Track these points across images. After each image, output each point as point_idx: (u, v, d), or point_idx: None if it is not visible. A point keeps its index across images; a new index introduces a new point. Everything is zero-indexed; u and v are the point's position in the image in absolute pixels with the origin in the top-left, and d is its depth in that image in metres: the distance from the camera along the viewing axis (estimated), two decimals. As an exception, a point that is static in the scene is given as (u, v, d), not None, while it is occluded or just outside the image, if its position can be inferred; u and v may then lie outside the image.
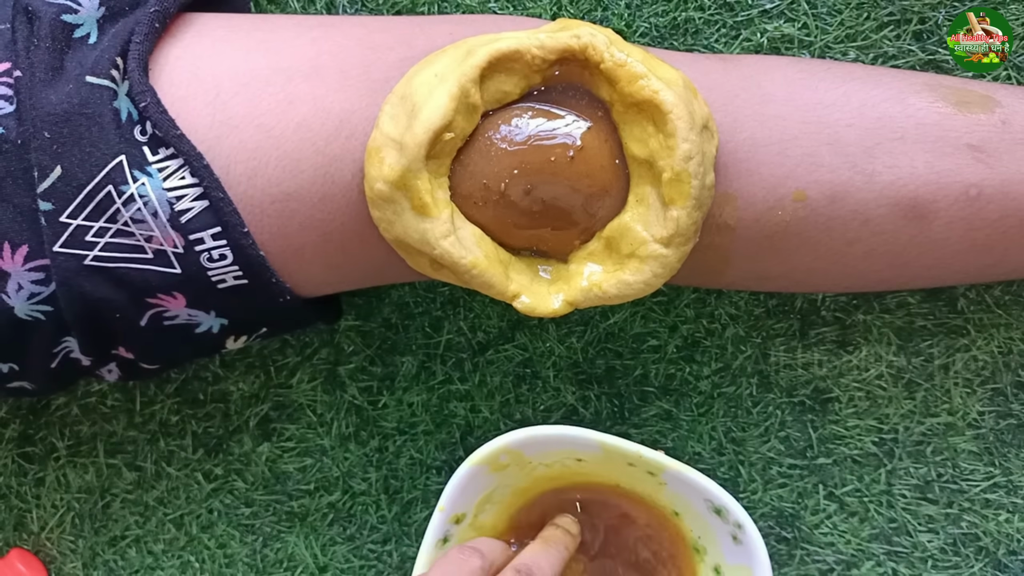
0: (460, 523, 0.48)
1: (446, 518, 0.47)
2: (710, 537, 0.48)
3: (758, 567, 0.46)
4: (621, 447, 0.45)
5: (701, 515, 0.48)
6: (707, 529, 0.48)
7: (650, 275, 0.40)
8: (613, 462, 0.47)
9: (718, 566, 0.48)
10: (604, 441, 0.46)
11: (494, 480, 0.48)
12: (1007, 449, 0.52)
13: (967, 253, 0.43)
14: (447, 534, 0.48)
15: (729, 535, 0.47)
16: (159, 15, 0.41)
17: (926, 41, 0.48)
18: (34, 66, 0.40)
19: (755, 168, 0.41)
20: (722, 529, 0.47)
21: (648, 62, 0.39)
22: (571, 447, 0.47)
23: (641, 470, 0.47)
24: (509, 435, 0.46)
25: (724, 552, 0.48)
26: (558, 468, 0.49)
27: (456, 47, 0.40)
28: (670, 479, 0.47)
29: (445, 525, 0.47)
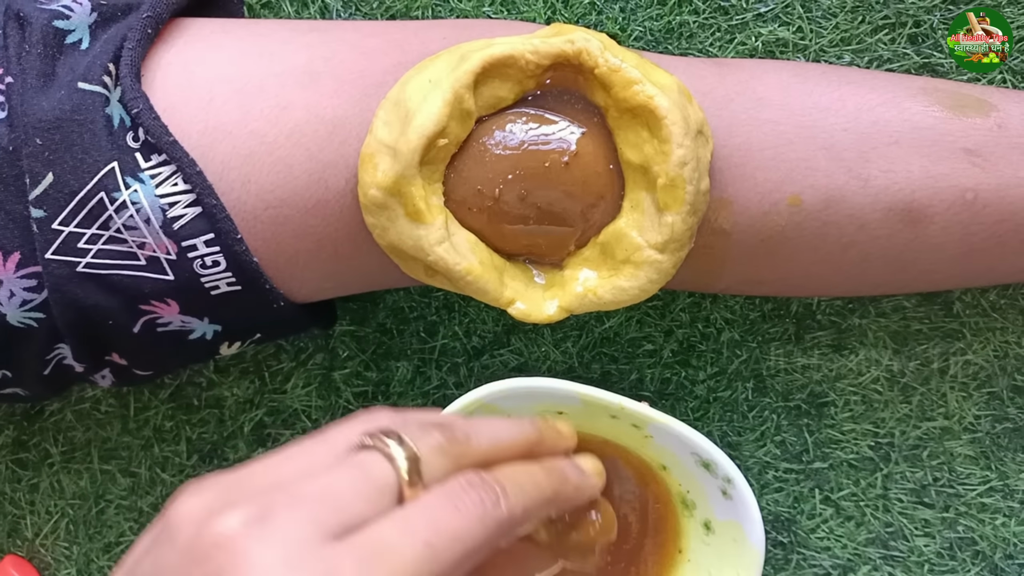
0: None
1: None
2: (699, 492, 0.47)
3: (748, 522, 0.45)
4: (602, 399, 0.44)
5: (689, 469, 0.46)
6: (696, 484, 0.47)
7: (645, 281, 0.40)
8: (595, 415, 0.46)
9: (708, 521, 0.47)
10: (583, 393, 0.44)
11: None
12: (1003, 453, 0.52)
13: (963, 257, 0.43)
14: None
15: (719, 489, 0.46)
16: (152, 21, 0.41)
17: (921, 45, 0.48)
18: (25, 72, 0.40)
19: (750, 173, 0.41)
20: (711, 483, 0.46)
21: (642, 67, 0.39)
22: (549, 400, 0.45)
23: (625, 423, 0.46)
24: (483, 388, 0.44)
25: (714, 507, 0.47)
26: None
27: (450, 52, 0.40)
28: (656, 432, 0.45)
29: None
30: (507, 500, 0.31)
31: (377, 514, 0.28)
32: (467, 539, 0.29)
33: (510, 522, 0.31)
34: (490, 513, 0.30)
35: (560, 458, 0.36)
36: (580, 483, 0.36)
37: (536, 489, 0.33)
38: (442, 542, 0.28)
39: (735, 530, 0.46)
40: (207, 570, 0.25)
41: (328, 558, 0.26)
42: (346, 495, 0.28)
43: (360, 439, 0.30)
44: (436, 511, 0.29)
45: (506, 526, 0.30)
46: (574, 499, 0.36)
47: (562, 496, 0.35)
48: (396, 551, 0.27)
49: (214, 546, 0.26)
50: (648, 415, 0.44)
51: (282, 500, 0.27)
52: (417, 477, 0.30)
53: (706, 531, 0.48)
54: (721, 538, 0.47)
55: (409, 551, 0.27)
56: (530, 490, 0.32)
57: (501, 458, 0.33)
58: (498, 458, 0.33)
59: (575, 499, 0.36)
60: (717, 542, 0.47)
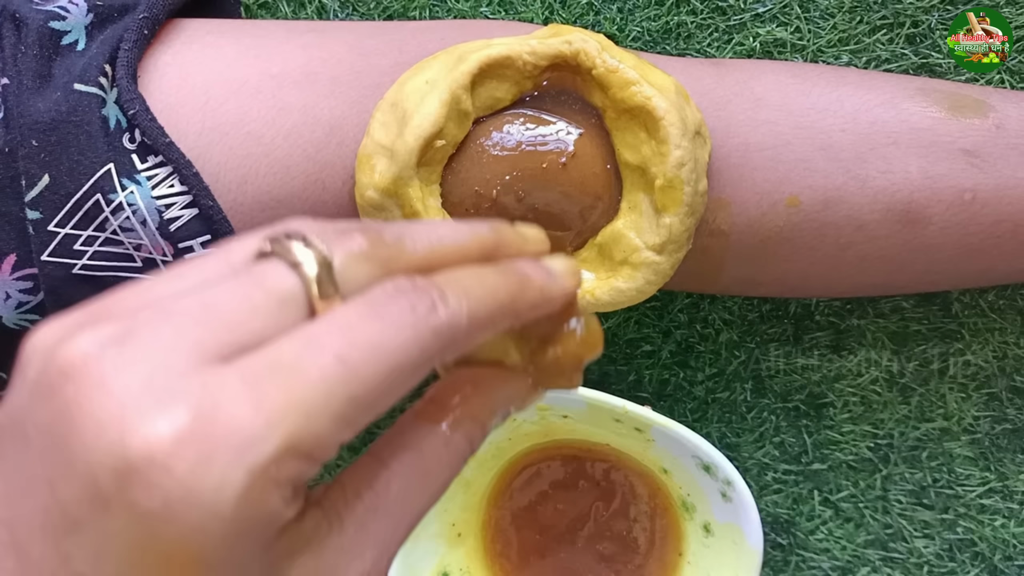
0: None
1: None
2: (699, 495, 0.48)
3: (747, 525, 0.45)
4: (606, 402, 0.45)
5: (690, 472, 0.47)
6: (696, 487, 0.47)
7: (643, 282, 0.40)
8: (599, 419, 0.47)
9: (708, 524, 0.48)
10: (588, 396, 0.45)
11: None
12: (1002, 454, 0.51)
13: (961, 258, 0.43)
14: None
15: (719, 492, 0.46)
16: (148, 22, 0.41)
17: (919, 45, 0.48)
18: (21, 73, 0.40)
19: (748, 174, 0.41)
20: (711, 486, 0.46)
21: (640, 68, 0.39)
22: (555, 403, 0.46)
23: (628, 427, 0.46)
24: None
25: (714, 510, 0.47)
26: (543, 425, 0.49)
27: (447, 53, 0.40)
28: (658, 436, 0.46)
29: None
30: (446, 306, 0.24)
31: (278, 333, 0.22)
32: (394, 351, 0.22)
33: (451, 331, 0.23)
34: (424, 320, 0.23)
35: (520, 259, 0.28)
36: (546, 285, 0.27)
37: (487, 293, 0.25)
38: (360, 355, 0.22)
39: (734, 532, 0.46)
40: (54, 407, 0.21)
41: (207, 383, 0.21)
42: (234, 310, 0.22)
43: (259, 246, 0.24)
44: (351, 321, 0.22)
45: (447, 336, 0.23)
46: (540, 305, 0.27)
47: (523, 301, 0.26)
48: (298, 369, 0.21)
49: (61, 375, 0.21)
50: (651, 418, 0.45)
51: (150, 317, 0.22)
52: (331, 287, 0.23)
53: (706, 533, 0.48)
54: (720, 540, 0.47)
55: (315, 369, 0.21)
56: (479, 294, 0.25)
57: (445, 265, 0.25)
58: (441, 265, 0.25)
59: (542, 305, 0.27)
60: (716, 544, 0.48)
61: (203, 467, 0.20)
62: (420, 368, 0.23)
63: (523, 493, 0.52)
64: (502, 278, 0.26)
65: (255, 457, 0.20)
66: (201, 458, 0.20)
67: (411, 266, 0.25)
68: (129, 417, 0.20)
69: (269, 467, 0.20)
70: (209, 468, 0.20)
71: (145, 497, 0.20)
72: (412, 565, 0.48)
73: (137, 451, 0.20)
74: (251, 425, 0.20)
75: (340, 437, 0.22)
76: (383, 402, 0.22)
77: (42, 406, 0.21)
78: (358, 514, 0.24)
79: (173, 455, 0.20)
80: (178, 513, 0.20)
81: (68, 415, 0.20)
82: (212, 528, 0.20)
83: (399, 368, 0.22)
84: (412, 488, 0.25)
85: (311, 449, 0.21)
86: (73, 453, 0.20)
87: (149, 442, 0.20)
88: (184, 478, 0.20)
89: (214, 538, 0.20)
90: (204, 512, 0.20)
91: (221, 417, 0.20)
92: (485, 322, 0.25)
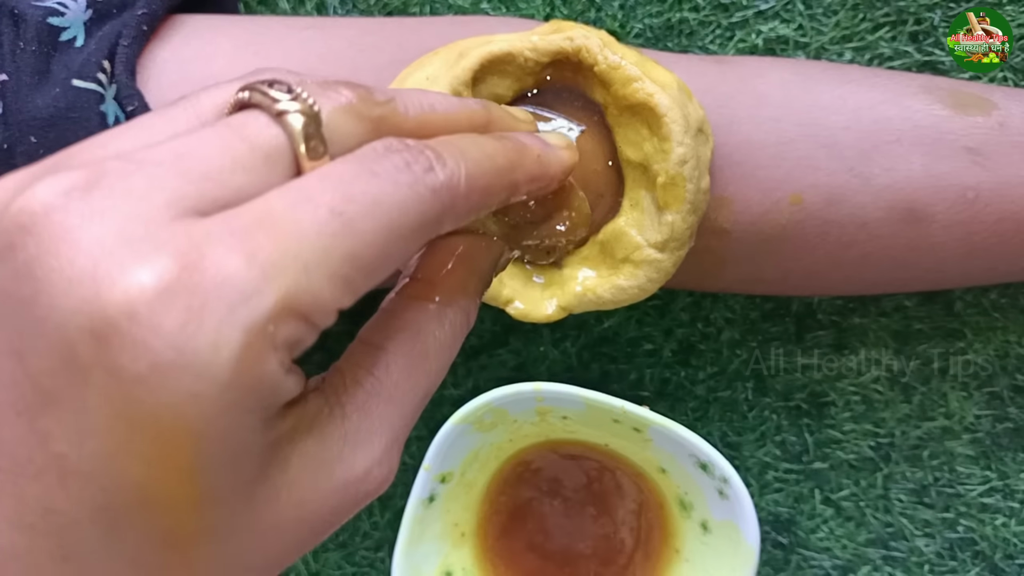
0: (447, 482, 0.48)
1: (431, 477, 0.47)
2: (696, 493, 0.48)
3: (744, 522, 0.46)
4: (605, 403, 0.45)
5: (687, 471, 0.47)
6: (693, 485, 0.48)
7: (645, 280, 0.40)
8: (598, 419, 0.47)
9: (705, 522, 0.48)
10: (587, 397, 0.45)
11: (479, 439, 0.48)
12: (1004, 453, 0.51)
13: (964, 256, 0.43)
14: (432, 492, 0.48)
15: (715, 490, 0.47)
16: (147, 17, 0.41)
17: (922, 42, 0.48)
18: (20, 70, 0.39)
19: (751, 171, 0.41)
20: (708, 484, 0.47)
21: (642, 64, 0.39)
22: (555, 405, 0.47)
23: (626, 427, 0.47)
24: (491, 393, 0.46)
25: (711, 508, 0.48)
26: (543, 426, 0.49)
27: (448, 49, 0.40)
28: (655, 435, 0.46)
29: (430, 484, 0.48)
30: (444, 166, 0.22)
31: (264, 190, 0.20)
32: (393, 208, 0.20)
33: (450, 193, 0.22)
34: (422, 179, 0.21)
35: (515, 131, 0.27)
36: (544, 154, 0.26)
37: (485, 157, 0.24)
38: (357, 209, 0.20)
39: (731, 530, 0.46)
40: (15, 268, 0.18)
41: (191, 232, 0.18)
42: (214, 162, 0.20)
43: (233, 97, 0.22)
44: (345, 176, 0.20)
45: (446, 199, 0.22)
46: (537, 174, 0.26)
47: (522, 170, 0.25)
48: (292, 221, 0.19)
49: (20, 230, 0.18)
50: (648, 418, 0.45)
51: (118, 166, 0.19)
52: (319, 143, 0.21)
53: (703, 531, 0.48)
54: (718, 538, 0.47)
55: (309, 220, 0.19)
56: (476, 156, 0.23)
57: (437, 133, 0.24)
58: (432, 134, 0.24)
59: (540, 177, 0.26)
60: (714, 542, 0.48)
61: (195, 323, 0.17)
62: (419, 233, 0.21)
63: (521, 493, 0.52)
64: (500, 144, 0.25)
65: (251, 313, 0.18)
66: (192, 313, 0.17)
67: (402, 130, 0.23)
68: (104, 269, 0.17)
69: (267, 325, 0.18)
70: (201, 324, 0.17)
71: (129, 360, 0.17)
72: (415, 565, 0.48)
73: (117, 307, 0.17)
74: (246, 278, 0.18)
75: (339, 300, 0.20)
76: (382, 266, 0.20)
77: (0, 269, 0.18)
78: (360, 400, 0.23)
79: (159, 309, 0.17)
80: (169, 377, 0.17)
81: (31, 274, 0.18)
82: (207, 395, 0.18)
83: (398, 227, 0.20)
84: (413, 370, 0.24)
85: (310, 310, 0.19)
86: (41, 317, 0.17)
87: (130, 296, 0.17)
88: (173, 336, 0.17)
89: (209, 407, 0.18)
90: (198, 375, 0.17)
91: (210, 268, 0.18)
92: (483, 189, 0.23)
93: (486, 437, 0.48)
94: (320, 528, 0.22)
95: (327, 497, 0.22)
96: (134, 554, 0.19)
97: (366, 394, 0.23)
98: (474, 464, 0.49)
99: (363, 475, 0.22)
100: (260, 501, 0.20)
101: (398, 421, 0.23)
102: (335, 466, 0.22)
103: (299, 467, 0.21)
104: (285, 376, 0.19)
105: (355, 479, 0.22)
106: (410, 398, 0.24)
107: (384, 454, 0.23)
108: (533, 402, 0.46)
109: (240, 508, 0.20)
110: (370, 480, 0.23)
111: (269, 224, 0.19)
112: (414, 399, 0.24)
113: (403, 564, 0.48)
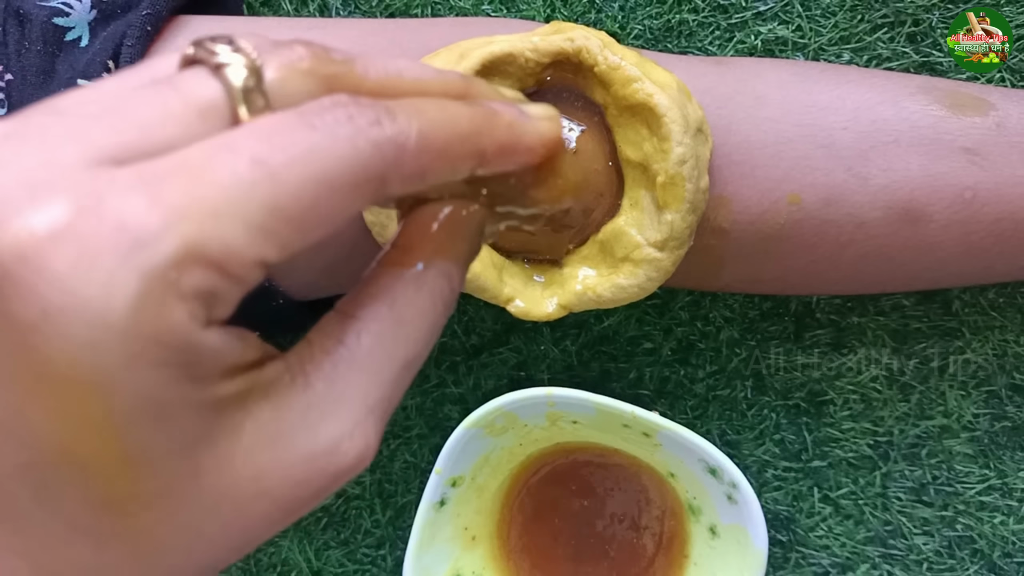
0: (457, 486, 0.49)
1: (442, 480, 0.48)
2: (705, 498, 0.48)
3: (752, 526, 0.46)
4: (615, 408, 0.45)
5: (696, 476, 0.48)
6: (702, 490, 0.48)
7: (644, 279, 0.40)
8: (608, 424, 0.47)
9: (714, 526, 0.49)
10: (598, 402, 0.46)
11: (490, 443, 0.48)
12: (1002, 452, 0.52)
13: (962, 256, 0.43)
14: (444, 496, 0.48)
15: (724, 495, 0.47)
16: (151, 18, 0.41)
17: (920, 43, 0.48)
18: (25, 69, 0.40)
19: (749, 171, 0.41)
20: (717, 489, 0.47)
21: (642, 65, 0.39)
22: (566, 409, 0.47)
23: (636, 431, 0.47)
24: (503, 398, 0.46)
25: (719, 512, 0.48)
26: (553, 431, 0.49)
27: (449, 50, 0.40)
28: (665, 440, 0.47)
29: (442, 487, 0.48)
30: (393, 121, 0.20)
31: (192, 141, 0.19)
32: (324, 158, 0.19)
33: (395, 149, 0.20)
34: (364, 132, 0.20)
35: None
36: (517, 121, 0.24)
37: (445, 118, 0.22)
38: (282, 158, 0.19)
39: (739, 534, 0.47)
40: None
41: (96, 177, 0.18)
42: (142, 115, 0.19)
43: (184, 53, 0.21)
44: (278, 127, 0.19)
45: (390, 153, 0.20)
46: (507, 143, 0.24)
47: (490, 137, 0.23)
48: (206, 169, 0.18)
49: None
50: (658, 423, 0.45)
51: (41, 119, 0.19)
52: (260, 98, 0.20)
53: (711, 535, 0.49)
54: (726, 542, 0.48)
55: (226, 168, 0.18)
56: (434, 116, 0.22)
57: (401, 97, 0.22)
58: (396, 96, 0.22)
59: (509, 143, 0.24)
60: (722, 546, 0.48)
61: (85, 266, 0.17)
62: (358, 189, 0.20)
63: (535, 497, 0.52)
64: (466, 108, 0.23)
65: (149, 257, 0.17)
66: (83, 256, 0.17)
67: (359, 91, 0.21)
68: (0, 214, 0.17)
69: (168, 272, 0.17)
70: (93, 268, 0.17)
71: (20, 306, 0.17)
72: (426, 568, 0.49)
73: (7, 250, 0.17)
74: (144, 222, 0.17)
75: (260, 251, 0.19)
76: (314, 220, 0.19)
77: None
78: (326, 370, 0.21)
79: (50, 253, 0.17)
80: (59, 323, 0.17)
81: None
82: (104, 342, 0.17)
83: (330, 179, 0.19)
84: (388, 338, 0.22)
85: (222, 258, 0.18)
86: None
87: (20, 240, 0.17)
88: (64, 280, 0.17)
89: (108, 356, 0.17)
90: (90, 322, 0.17)
91: (108, 213, 0.17)
92: (439, 151, 0.22)
93: (497, 441, 0.49)
94: (288, 504, 0.21)
95: (289, 469, 0.20)
96: (71, 516, 0.19)
97: (333, 363, 0.21)
98: (485, 468, 0.50)
99: (331, 447, 0.21)
100: (208, 468, 0.19)
101: (373, 391, 0.22)
102: (297, 436, 0.20)
103: (253, 435, 0.20)
104: (204, 331, 0.18)
105: (323, 451, 0.21)
106: (387, 367, 0.22)
107: (355, 426, 0.21)
108: (544, 407, 0.47)
109: (183, 472, 0.19)
110: (341, 454, 0.21)
111: (183, 172, 0.18)
112: (391, 368, 0.22)
113: (414, 567, 0.48)
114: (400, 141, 0.21)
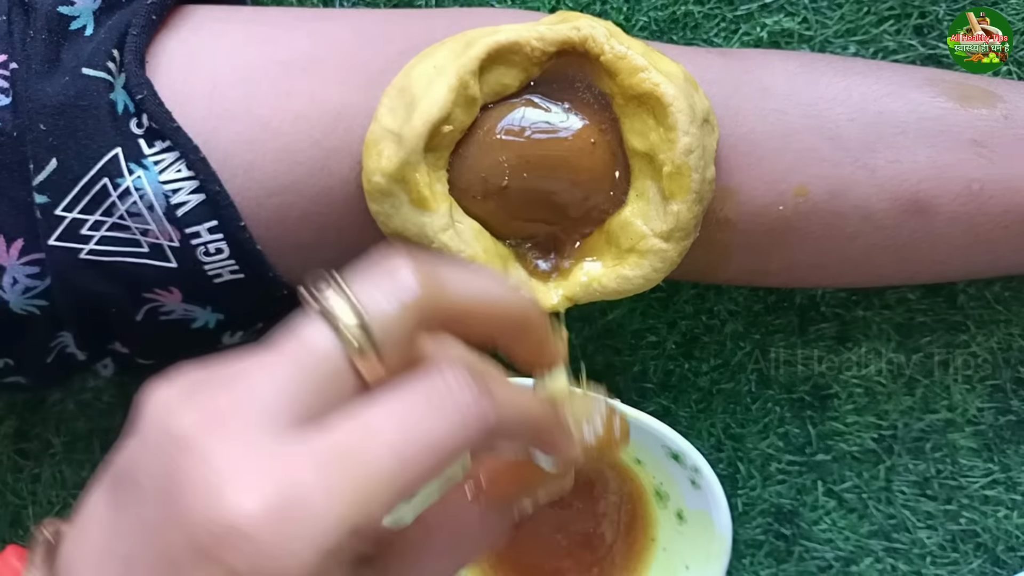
0: None
1: None
2: (671, 484, 0.49)
3: (716, 511, 0.47)
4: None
5: (661, 462, 0.48)
6: (668, 476, 0.49)
7: (649, 270, 0.40)
8: None
9: (680, 511, 0.49)
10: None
11: None
12: (1006, 445, 0.51)
13: (969, 248, 0.43)
14: None
15: (688, 480, 0.48)
16: (156, 7, 0.41)
17: (927, 36, 0.48)
18: (30, 58, 0.40)
19: (756, 163, 0.41)
20: (681, 474, 0.48)
21: (649, 55, 0.39)
22: None
23: None
24: None
25: (685, 497, 0.49)
26: None
27: (455, 39, 0.40)
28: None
29: None
30: (495, 410, 0.25)
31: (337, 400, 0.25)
32: (443, 449, 0.24)
33: (489, 436, 0.25)
34: (473, 420, 0.25)
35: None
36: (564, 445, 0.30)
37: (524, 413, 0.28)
38: (413, 451, 0.24)
39: (704, 518, 0.48)
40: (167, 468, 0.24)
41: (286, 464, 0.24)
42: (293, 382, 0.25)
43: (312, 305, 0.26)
44: (409, 409, 0.25)
45: (485, 440, 0.25)
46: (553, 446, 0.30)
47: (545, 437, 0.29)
48: (360, 460, 0.24)
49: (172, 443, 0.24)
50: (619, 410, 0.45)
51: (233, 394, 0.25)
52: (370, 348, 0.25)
53: (679, 521, 0.49)
54: (693, 527, 0.49)
55: (375, 461, 0.24)
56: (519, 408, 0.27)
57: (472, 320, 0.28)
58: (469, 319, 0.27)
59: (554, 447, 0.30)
60: (689, 531, 0.49)
61: (285, 542, 0.23)
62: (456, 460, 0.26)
63: None
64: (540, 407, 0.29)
65: (327, 541, 0.23)
66: (284, 535, 0.23)
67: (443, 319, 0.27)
68: (226, 490, 0.23)
69: (339, 552, 0.23)
70: (290, 544, 0.23)
71: (234, 559, 0.23)
72: None
73: (231, 520, 0.23)
74: (326, 515, 0.23)
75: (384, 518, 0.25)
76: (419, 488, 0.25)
77: (156, 462, 0.24)
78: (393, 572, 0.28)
79: (260, 528, 0.23)
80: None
81: (178, 478, 0.24)
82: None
83: (441, 464, 0.25)
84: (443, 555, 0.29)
85: (367, 531, 0.24)
86: (180, 509, 0.23)
87: (238, 515, 0.23)
88: (269, 549, 0.23)
89: None
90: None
91: (298, 502, 0.23)
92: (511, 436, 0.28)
93: None
94: None
95: None
96: None
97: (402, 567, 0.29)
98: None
99: None
100: None
101: None
102: None
103: None
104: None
105: None
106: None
107: None
108: None
109: None
110: None
111: (342, 459, 0.24)
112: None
113: None
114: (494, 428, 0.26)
